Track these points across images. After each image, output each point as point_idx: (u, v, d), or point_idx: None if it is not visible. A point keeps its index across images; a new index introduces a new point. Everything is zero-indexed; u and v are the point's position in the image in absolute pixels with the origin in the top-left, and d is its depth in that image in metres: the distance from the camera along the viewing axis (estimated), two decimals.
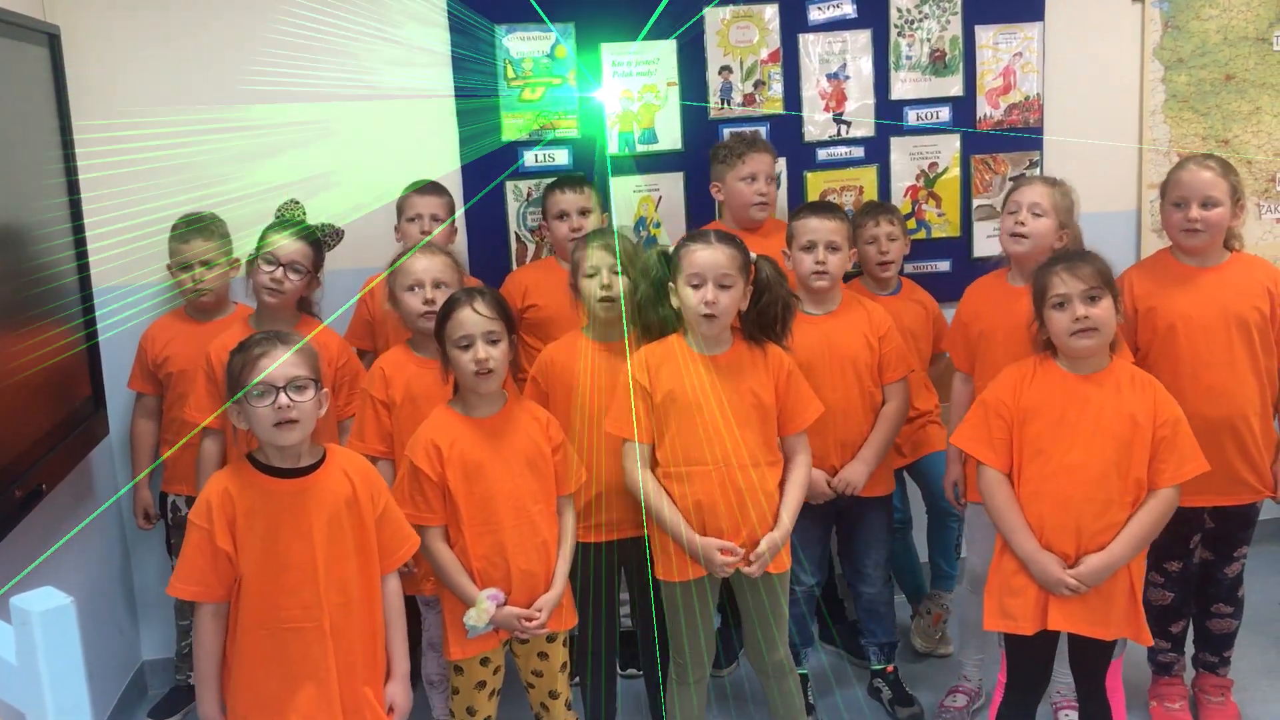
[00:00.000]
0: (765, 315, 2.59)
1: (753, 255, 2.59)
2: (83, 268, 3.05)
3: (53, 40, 2.99)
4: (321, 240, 3.17)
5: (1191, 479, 2.81)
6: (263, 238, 3.07)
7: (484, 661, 2.59)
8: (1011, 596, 2.52)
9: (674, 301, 2.58)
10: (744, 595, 2.68)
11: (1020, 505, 2.51)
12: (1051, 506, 2.47)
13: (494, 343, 2.48)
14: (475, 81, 3.49)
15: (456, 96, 3.49)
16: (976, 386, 2.91)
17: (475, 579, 2.50)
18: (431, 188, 3.30)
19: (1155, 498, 2.47)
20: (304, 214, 3.26)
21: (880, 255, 3.31)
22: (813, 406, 2.66)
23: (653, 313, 2.63)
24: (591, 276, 2.73)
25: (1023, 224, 2.85)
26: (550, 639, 2.63)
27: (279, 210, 3.24)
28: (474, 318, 2.47)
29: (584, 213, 3.24)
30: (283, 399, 2.16)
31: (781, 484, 2.65)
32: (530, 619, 2.52)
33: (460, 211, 3.49)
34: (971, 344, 2.98)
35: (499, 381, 2.53)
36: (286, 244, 3.00)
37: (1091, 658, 2.59)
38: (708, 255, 2.51)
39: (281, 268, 2.98)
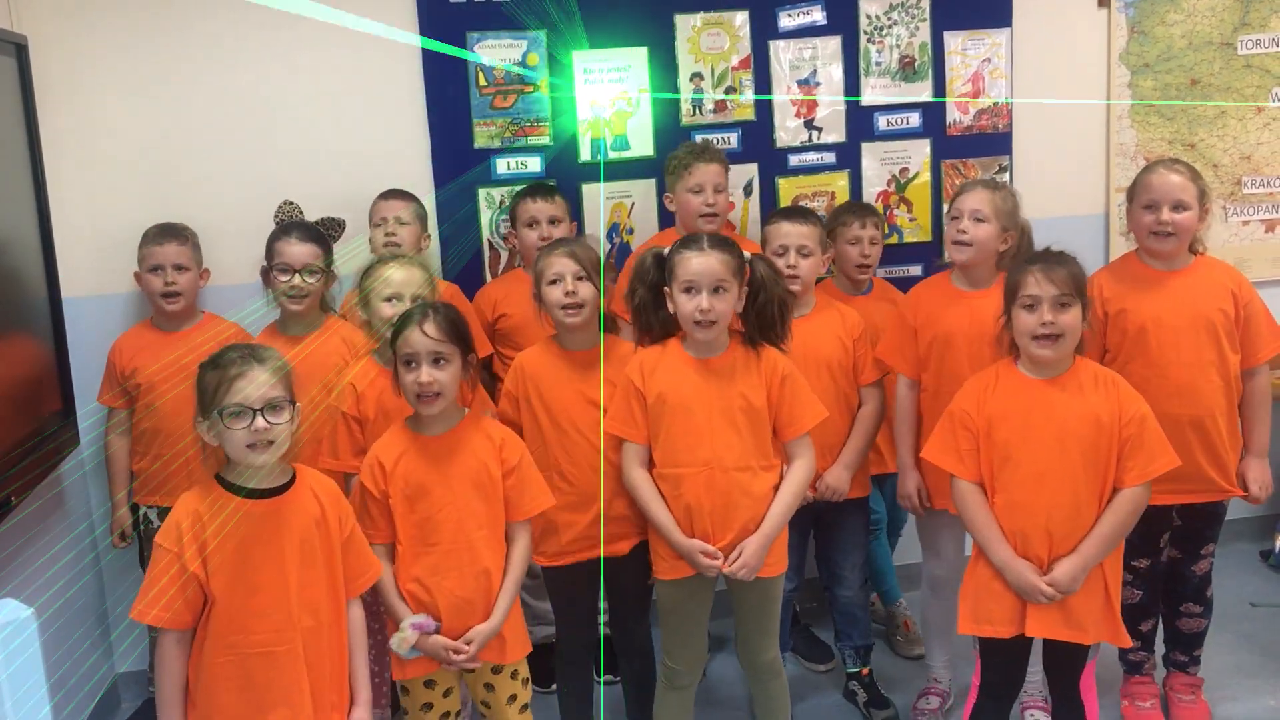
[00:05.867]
0: (764, 315, 2.58)
1: (747, 255, 2.59)
2: (51, 278, 3.04)
3: (20, 50, 2.98)
4: (326, 234, 3.16)
5: (1162, 477, 2.84)
6: (269, 248, 3.06)
7: (429, 684, 2.53)
8: (988, 601, 2.52)
9: (670, 306, 2.57)
10: (737, 597, 2.69)
11: (995, 514, 2.51)
12: (1023, 513, 2.48)
13: (439, 364, 2.41)
14: (446, 89, 3.49)
15: (428, 104, 3.49)
16: (940, 394, 2.87)
17: (406, 600, 2.46)
18: (398, 192, 3.30)
19: (1123, 496, 2.47)
20: (301, 214, 3.25)
21: (862, 258, 3.32)
22: (812, 411, 2.63)
23: (652, 316, 2.63)
24: (553, 284, 2.69)
25: (964, 231, 2.87)
26: (495, 670, 2.56)
27: (277, 215, 3.23)
28: (420, 339, 2.41)
29: (554, 221, 3.24)
30: (260, 422, 2.12)
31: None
32: (459, 651, 2.44)
33: (434, 221, 3.49)
34: (923, 351, 2.96)
35: (444, 405, 2.45)
36: (295, 249, 3.00)
37: (1067, 660, 2.59)
38: (700, 262, 2.50)
39: (297, 274, 2.98)
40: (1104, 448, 2.45)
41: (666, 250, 2.61)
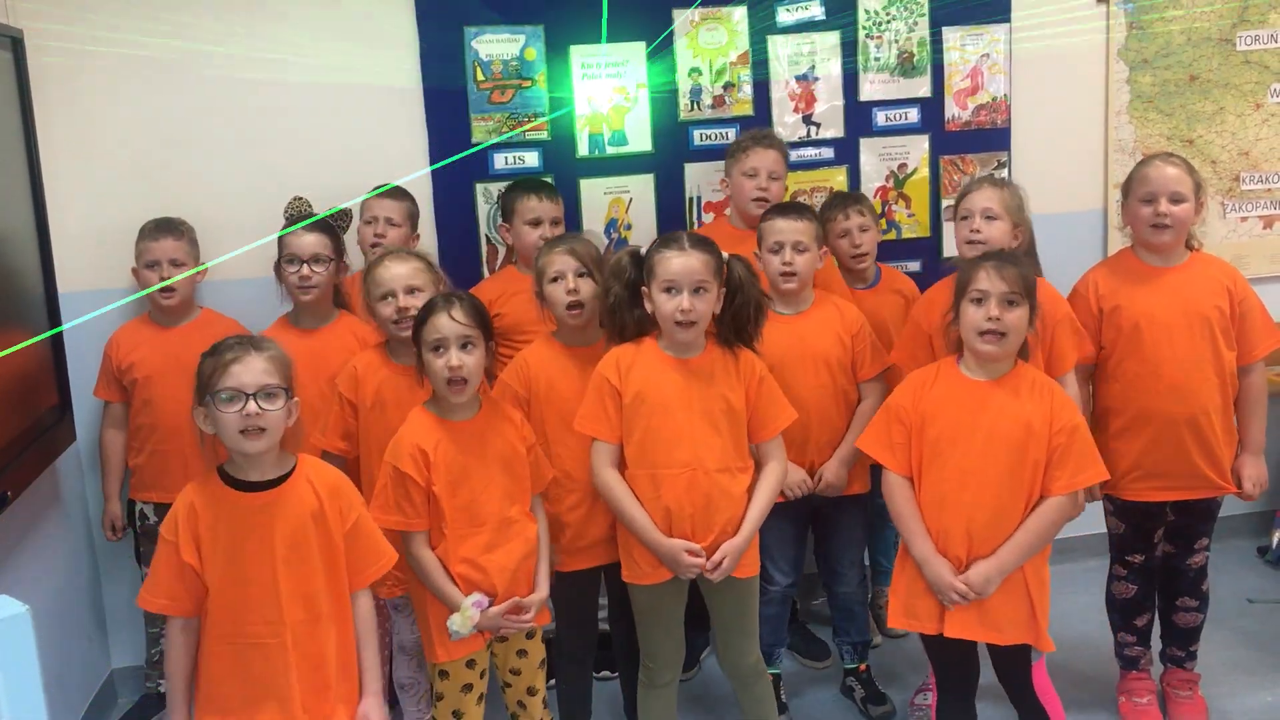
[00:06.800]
0: (739, 316, 2.58)
1: (725, 255, 2.59)
2: (48, 273, 3.03)
3: (16, 44, 2.97)
4: (335, 226, 3.16)
5: (1156, 474, 2.86)
6: (279, 241, 3.05)
7: (470, 664, 2.58)
8: (915, 597, 2.53)
9: (647, 305, 2.57)
10: (714, 600, 2.68)
11: (921, 509, 2.52)
12: (946, 510, 2.48)
13: (468, 349, 2.47)
14: (444, 84, 3.48)
15: (425, 99, 3.48)
16: None
17: (458, 583, 2.50)
18: (391, 191, 3.28)
19: (1047, 504, 2.45)
20: (310, 208, 3.25)
21: (854, 248, 3.29)
22: (784, 414, 2.64)
23: (627, 315, 2.62)
24: (555, 281, 2.71)
25: (978, 231, 2.85)
26: (529, 635, 2.64)
27: (287, 211, 3.23)
28: (449, 324, 2.45)
29: (555, 222, 3.22)
30: (251, 407, 2.14)
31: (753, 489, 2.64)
32: (515, 613, 2.52)
33: (432, 215, 3.49)
34: (940, 350, 2.95)
35: (472, 390, 2.51)
36: (302, 240, 2.99)
37: (1007, 661, 2.59)
38: (682, 262, 2.50)
39: (305, 264, 2.98)
40: (1032, 453, 2.44)
41: (644, 249, 2.61)
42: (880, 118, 3.74)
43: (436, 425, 2.52)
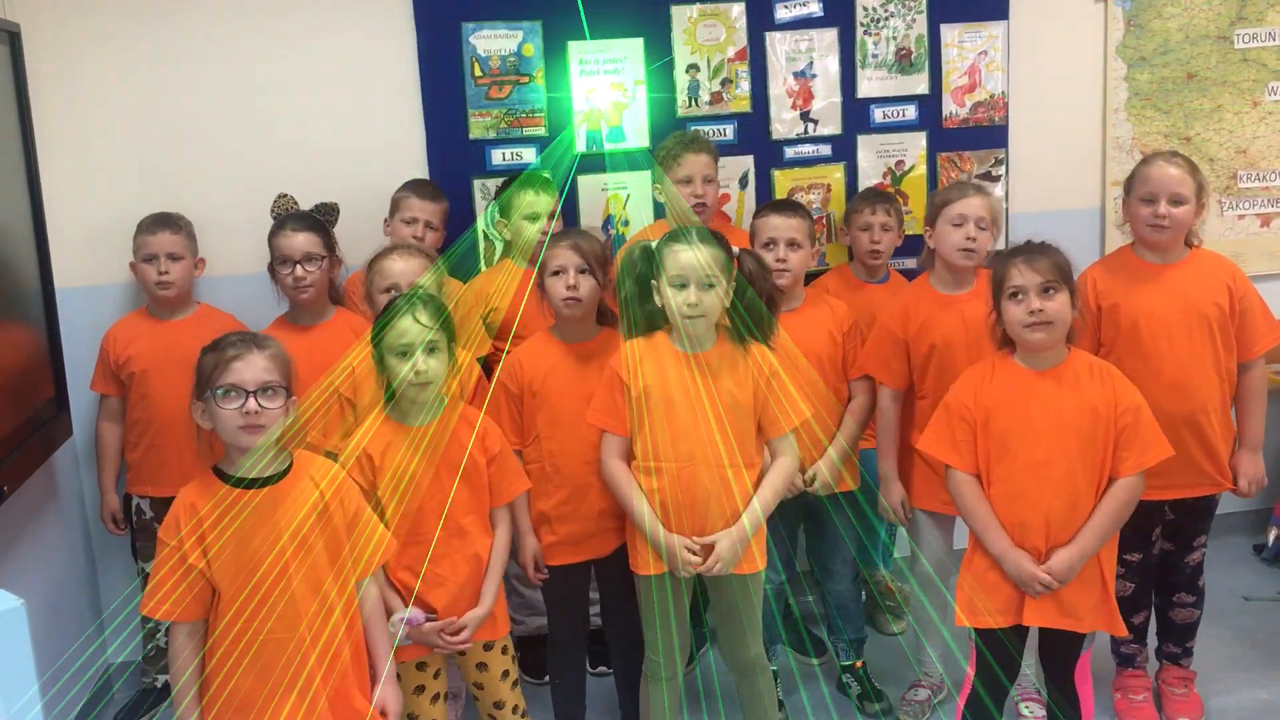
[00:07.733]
0: (751, 310, 2.58)
1: (735, 250, 2.58)
2: (44, 268, 3.03)
3: (13, 39, 2.96)
4: (323, 220, 3.15)
5: (1156, 472, 2.84)
6: (269, 243, 3.05)
7: (420, 666, 2.57)
8: (984, 593, 2.54)
9: (657, 300, 2.57)
10: (718, 593, 2.68)
11: (991, 505, 2.52)
12: (1022, 503, 2.48)
13: (433, 352, 2.45)
14: (441, 80, 3.48)
15: (423, 94, 3.48)
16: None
17: (399, 588, 2.49)
18: (433, 192, 3.28)
19: (1118, 486, 2.49)
20: (296, 205, 3.24)
21: (871, 244, 3.31)
22: (796, 410, 2.61)
23: (638, 309, 2.61)
24: (556, 275, 2.72)
25: (973, 239, 2.88)
26: (487, 647, 2.62)
27: (273, 210, 3.21)
28: (414, 327, 2.43)
29: (551, 217, 3.21)
30: (251, 404, 2.13)
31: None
32: (453, 633, 2.50)
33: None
34: (920, 361, 2.94)
35: (434, 392, 2.49)
36: (292, 240, 2.99)
37: (1062, 650, 2.61)
38: (690, 257, 2.49)
39: (298, 264, 2.97)
40: (1101, 438, 2.47)
41: (655, 243, 2.60)
42: (878, 115, 3.74)
43: (390, 430, 2.50)
